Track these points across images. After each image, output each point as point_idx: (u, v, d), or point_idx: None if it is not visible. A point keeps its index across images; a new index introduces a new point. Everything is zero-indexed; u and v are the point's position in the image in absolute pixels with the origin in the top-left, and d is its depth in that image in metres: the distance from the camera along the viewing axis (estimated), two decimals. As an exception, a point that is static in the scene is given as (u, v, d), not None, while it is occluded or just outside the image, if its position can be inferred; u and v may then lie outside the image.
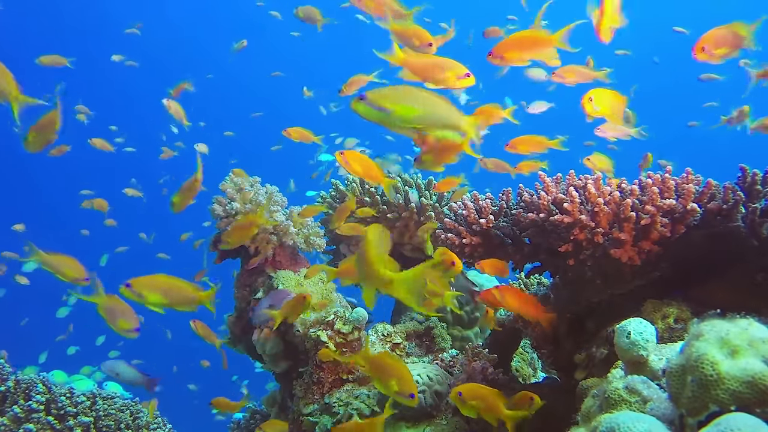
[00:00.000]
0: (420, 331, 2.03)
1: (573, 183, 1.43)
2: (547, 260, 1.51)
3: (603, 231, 1.34)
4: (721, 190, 1.32)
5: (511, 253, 1.55)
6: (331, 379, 1.86)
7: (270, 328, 2.07)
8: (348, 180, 2.32)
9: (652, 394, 0.83)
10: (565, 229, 1.37)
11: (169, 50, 13.57)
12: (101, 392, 2.32)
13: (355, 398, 1.80)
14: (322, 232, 2.31)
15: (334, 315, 1.89)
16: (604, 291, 1.42)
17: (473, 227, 1.56)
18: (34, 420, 2.13)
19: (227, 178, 2.24)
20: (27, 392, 2.20)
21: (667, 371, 0.78)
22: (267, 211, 2.15)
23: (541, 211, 1.41)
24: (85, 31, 12.83)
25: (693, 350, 0.73)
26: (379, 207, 2.21)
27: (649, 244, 1.32)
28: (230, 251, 2.22)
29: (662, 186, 1.33)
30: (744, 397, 0.67)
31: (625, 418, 0.72)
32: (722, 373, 0.69)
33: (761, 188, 1.30)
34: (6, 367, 2.23)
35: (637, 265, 1.35)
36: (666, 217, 1.30)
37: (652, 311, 1.29)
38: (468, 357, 1.68)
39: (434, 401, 1.62)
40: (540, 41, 1.39)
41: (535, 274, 1.85)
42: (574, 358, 1.42)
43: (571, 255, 1.39)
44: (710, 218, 1.30)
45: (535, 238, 1.48)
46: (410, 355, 1.98)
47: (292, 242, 2.22)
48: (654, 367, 0.98)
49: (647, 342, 0.99)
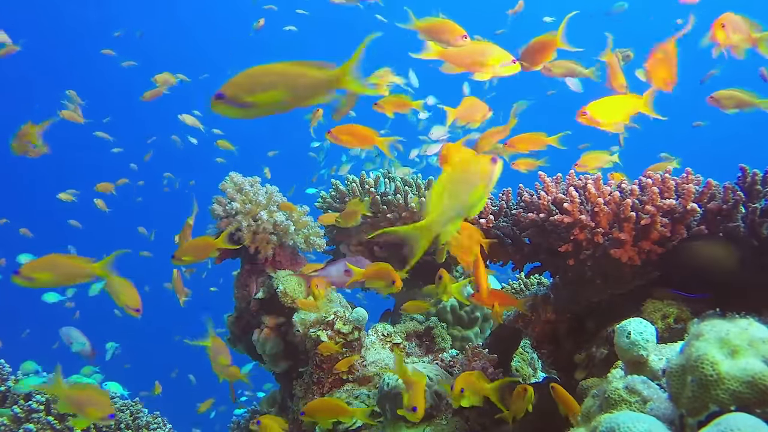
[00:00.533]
0: (420, 331, 2.03)
1: (573, 183, 1.43)
2: (547, 260, 1.51)
3: (603, 231, 1.34)
4: (721, 190, 1.32)
5: (511, 253, 1.55)
6: (331, 379, 1.86)
7: (270, 327, 2.07)
8: (348, 180, 2.32)
9: (652, 394, 0.83)
10: (565, 229, 1.37)
11: (165, 48, 13.51)
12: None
13: (355, 398, 1.80)
14: (322, 232, 2.31)
15: (334, 315, 1.89)
16: (604, 291, 1.42)
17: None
18: (34, 420, 2.13)
19: (227, 178, 2.24)
20: (27, 392, 2.20)
21: (667, 371, 0.78)
22: (267, 210, 2.15)
23: (541, 211, 1.41)
24: (80, 30, 12.81)
25: (693, 350, 0.73)
26: (380, 207, 2.21)
27: (649, 244, 1.32)
28: (230, 251, 2.22)
29: (662, 186, 1.33)
30: (744, 397, 0.67)
31: (625, 418, 0.72)
32: (722, 373, 0.69)
33: (761, 188, 1.30)
34: (6, 367, 2.23)
35: (637, 265, 1.35)
36: (666, 217, 1.30)
37: (652, 311, 1.29)
38: (468, 357, 1.68)
39: (434, 401, 1.62)
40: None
41: (535, 274, 1.85)
42: (574, 358, 1.42)
43: (571, 255, 1.39)
44: (710, 218, 1.30)
45: (535, 238, 1.48)
46: (410, 355, 1.98)
47: (292, 242, 2.22)
48: (654, 367, 0.98)
49: (647, 342, 0.99)
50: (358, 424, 1.72)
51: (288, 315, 2.03)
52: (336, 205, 2.33)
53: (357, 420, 1.66)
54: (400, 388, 1.55)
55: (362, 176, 2.28)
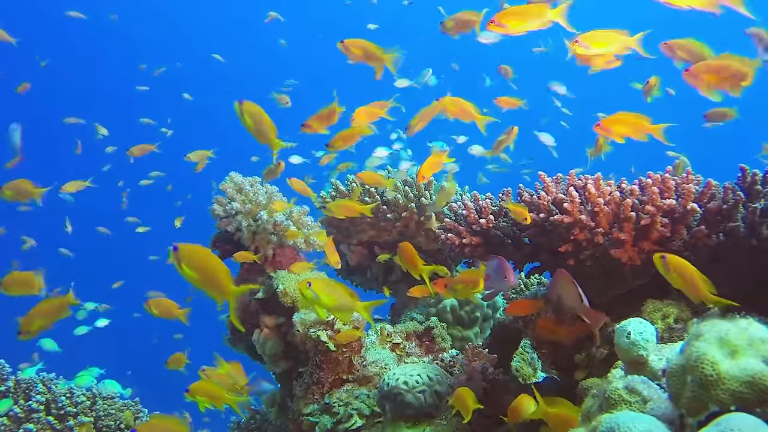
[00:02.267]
0: (420, 331, 2.03)
1: (573, 183, 1.43)
2: (547, 260, 1.51)
3: (603, 231, 1.34)
4: (721, 190, 1.32)
5: (511, 253, 1.55)
6: (331, 379, 1.86)
7: (270, 328, 2.06)
8: (348, 180, 2.32)
9: (652, 394, 0.83)
10: (565, 229, 1.37)
11: (154, 43, 13.41)
12: (101, 392, 2.32)
13: (355, 398, 1.80)
14: (322, 232, 2.31)
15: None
16: (604, 291, 1.42)
17: (473, 227, 1.56)
18: (34, 420, 2.13)
19: (227, 178, 2.24)
20: (27, 392, 2.20)
21: (667, 371, 0.78)
22: (266, 210, 2.15)
23: (541, 211, 1.41)
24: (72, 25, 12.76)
25: (693, 350, 0.73)
26: (380, 207, 2.21)
27: (650, 244, 1.32)
28: (230, 251, 2.22)
29: (662, 186, 1.33)
30: (744, 397, 0.67)
31: (625, 418, 0.72)
32: (722, 373, 0.69)
33: (761, 188, 1.30)
34: (6, 367, 2.23)
35: (637, 265, 1.35)
36: (666, 217, 1.30)
37: (652, 311, 1.29)
38: (468, 357, 1.68)
39: (434, 401, 1.62)
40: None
41: (535, 274, 1.85)
42: (574, 358, 1.42)
43: (571, 255, 1.39)
44: (710, 218, 1.30)
45: (535, 238, 1.48)
46: (410, 355, 1.98)
47: (292, 242, 2.22)
48: (654, 367, 0.98)
49: (647, 342, 0.99)
50: (358, 424, 1.73)
51: (288, 315, 2.02)
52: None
53: (357, 420, 1.67)
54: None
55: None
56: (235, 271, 2.29)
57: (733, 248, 1.26)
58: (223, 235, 2.23)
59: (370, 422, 1.75)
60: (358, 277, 2.46)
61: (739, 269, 1.27)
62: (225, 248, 2.23)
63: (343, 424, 1.74)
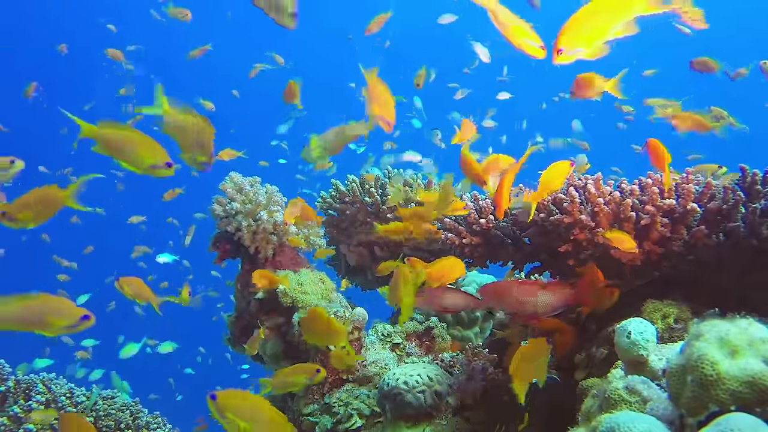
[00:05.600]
0: (420, 331, 2.03)
1: (573, 183, 1.43)
2: (548, 260, 1.51)
3: (603, 231, 1.34)
4: (721, 190, 1.32)
5: (511, 253, 1.55)
6: (331, 379, 1.86)
7: (270, 328, 2.06)
8: (348, 180, 2.32)
9: (652, 394, 0.83)
10: (565, 229, 1.37)
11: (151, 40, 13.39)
12: (101, 392, 2.32)
13: (355, 398, 1.80)
14: (322, 232, 2.31)
15: (334, 315, 1.89)
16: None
17: (473, 227, 1.56)
18: (34, 420, 2.12)
19: (227, 178, 2.24)
20: (27, 392, 2.20)
21: (667, 371, 0.78)
22: (267, 210, 2.15)
23: (541, 211, 1.41)
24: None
25: (693, 350, 0.73)
26: (380, 206, 2.21)
27: (650, 244, 1.32)
28: (230, 251, 2.22)
29: (662, 186, 1.33)
30: (744, 397, 0.67)
31: (625, 418, 0.72)
32: (722, 373, 0.69)
33: (761, 188, 1.30)
34: (6, 367, 2.23)
35: (638, 265, 1.35)
36: (666, 217, 1.30)
37: (652, 311, 1.29)
38: (468, 357, 1.68)
39: (434, 401, 1.62)
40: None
41: (535, 274, 1.85)
42: (574, 358, 1.42)
43: (571, 255, 1.39)
44: (710, 218, 1.30)
45: (535, 238, 1.48)
46: (410, 355, 1.98)
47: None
48: (654, 367, 0.98)
49: (647, 342, 0.99)
50: (358, 424, 1.73)
51: (288, 315, 2.03)
52: (336, 205, 2.33)
53: (357, 420, 1.67)
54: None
55: (362, 176, 2.28)
56: (235, 270, 2.30)
57: (733, 248, 1.26)
58: (223, 235, 2.23)
59: (370, 422, 1.75)
60: (358, 277, 2.46)
61: (739, 269, 1.27)
62: (225, 248, 2.23)
63: (343, 424, 1.74)
